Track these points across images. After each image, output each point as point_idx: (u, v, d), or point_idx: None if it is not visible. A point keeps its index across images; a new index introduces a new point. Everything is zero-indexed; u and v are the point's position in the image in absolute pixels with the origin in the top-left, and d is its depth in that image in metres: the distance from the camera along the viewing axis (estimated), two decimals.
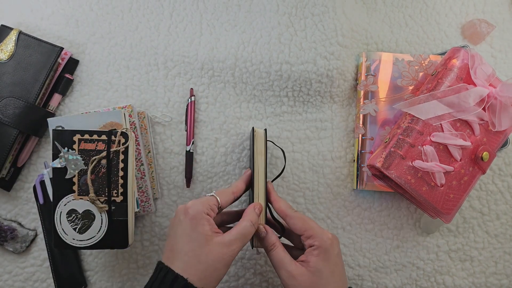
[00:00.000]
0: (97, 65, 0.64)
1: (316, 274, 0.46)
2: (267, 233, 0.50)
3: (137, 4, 0.66)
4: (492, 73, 0.56)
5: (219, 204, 0.49)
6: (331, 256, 0.48)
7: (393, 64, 0.63)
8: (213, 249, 0.45)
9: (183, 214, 0.47)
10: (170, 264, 0.45)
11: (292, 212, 0.51)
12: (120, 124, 0.56)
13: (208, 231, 0.45)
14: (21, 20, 0.64)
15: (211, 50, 0.64)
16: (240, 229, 0.47)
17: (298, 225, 0.50)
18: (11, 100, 0.59)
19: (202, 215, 0.46)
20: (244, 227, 0.47)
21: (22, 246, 0.61)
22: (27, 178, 0.62)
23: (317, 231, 0.48)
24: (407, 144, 0.54)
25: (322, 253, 0.47)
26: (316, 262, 0.47)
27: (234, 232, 0.47)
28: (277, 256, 0.48)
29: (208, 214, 0.47)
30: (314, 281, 0.46)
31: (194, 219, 0.46)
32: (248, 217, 0.49)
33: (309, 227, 0.49)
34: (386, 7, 0.68)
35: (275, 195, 0.53)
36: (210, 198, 0.49)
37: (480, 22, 0.66)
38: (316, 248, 0.47)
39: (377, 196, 0.64)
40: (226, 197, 0.50)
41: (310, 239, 0.48)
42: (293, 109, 0.65)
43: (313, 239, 0.48)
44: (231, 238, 0.46)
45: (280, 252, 0.49)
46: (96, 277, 0.62)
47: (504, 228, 0.64)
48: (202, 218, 0.46)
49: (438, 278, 0.63)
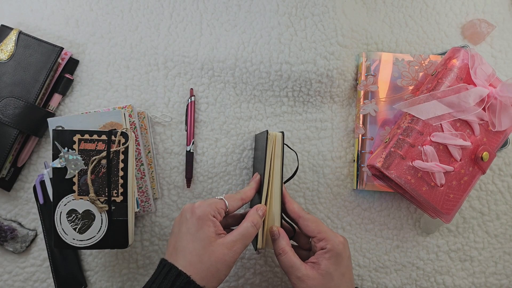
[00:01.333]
0: (97, 65, 0.64)
1: (326, 277, 0.47)
2: (280, 235, 0.50)
3: (137, 4, 0.66)
4: (492, 73, 0.56)
5: (226, 208, 0.49)
6: (342, 260, 0.48)
7: (393, 64, 0.63)
8: (215, 249, 0.45)
9: (189, 213, 0.47)
10: (174, 261, 0.45)
11: (306, 214, 0.51)
12: (120, 124, 0.56)
13: (212, 232, 0.46)
14: (21, 20, 0.64)
15: (211, 50, 0.64)
16: (242, 230, 0.47)
17: (311, 227, 0.50)
18: (11, 100, 0.59)
19: (208, 217, 0.46)
20: (245, 228, 0.47)
21: (22, 246, 0.61)
22: (27, 178, 0.62)
23: (329, 235, 0.49)
24: (407, 144, 0.54)
25: (333, 257, 0.48)
26: (328, 265, 0.47)
27: (235, 233, 0.47)
28: (288, 261, 0.48)
29: (214, 216, 0.47)
30: (324, 284, 0.47)
31: (200, 220, 0.46)
32: (250, 218, 0.49)
33: (322, 229, 0.50)
34: (386, 7, 0.68)
35: (288, 197, 0.54)
36: (218, 201, 0.49)
37: (480, 22, 0.66)
38: (328, 251, 0.48)
39: (377, 196, 0.64)
40: (234, 202, 0.50)
41: (322, 242, 0.49)
42: (293, 109, 0.65)
43: (325, 242, 0.49)
44: (232, 239, 0.46)
45: (291, 257, 0.49)
46: (96, 277, 0.62)
47: (504, 228, 0.64)
48: (208, 219, 0.46)
49: (438, 278, 0.63)
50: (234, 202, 0.50)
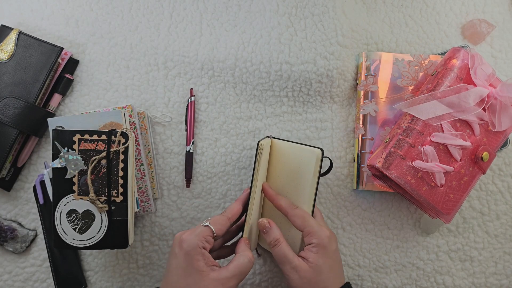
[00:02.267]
0: (97, 65, 0.64)
1: (316, 269, 0.48)
2: (271, 228, 0.51)
3: (137, 4, 0.66)
4: (492, 73, 0.56)
5: (214, 234, 0.48)
6: (329, 253, 0.49)
7: (393, 64, 0.63)
8: (209, 285, 0.44)
9: (178, 247, 0.46)
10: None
11: (293, 210, 0.52)
12: (120, 124, 0.56)
13: (203, 266, 0.45)
14: (21, 20, 0.64)
15: (211, 50, 0.64)
16: (238, 266, 0.46)
17: (298, 222, 0.51)
18: (11, 100, 0.59)
19: (197, 250, 0.45)
20: (242, 264, 0.47)
21: (22, 246, 0.61)
22: (27, 178, 0.62)
23: (315, 229, 0.50)
24: (407, 144, 0.54)
25: (320, 250, 0.48)
26: (315, 258, 0.48)
27: (231, 268, 0.46)
28: (281, 251, 0.49)
29: (203, 247, 0.46)
30: (315, 277, 0.48)
31: (188, 255, 0.45)
32: (246, 252, 0.48)
33: (308, 224, 0.50)
34: (386, 7, 0.68)
35: (274, 194, 0.54)
36: (205, 229, 0.47)
37: (480, 22, 0.66)
38: (315, 245, 0.49)
39: (377, 196, 0.64)
40: (221, 225, 0.49)
41: (309, 237, 0.49)
42: (293, 109, 0.65)
43: (311, 237, 0.49)
44: (227, 275, 0.45)
45: (284, 247, 0.49)
46: (96, 277, 0.62)
47: (504, 228, 0.64)
48: (196, 253, 0.45)
49: (438, 278, 0.63)
50: (221, 226, 0.49)
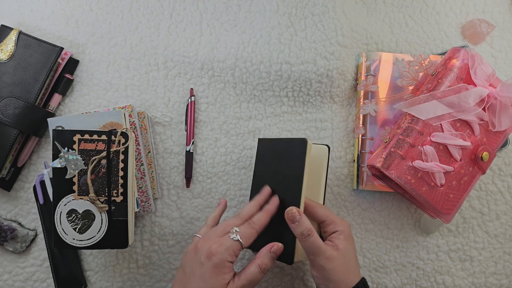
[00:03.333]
0: (97, 65, 0.64)
1: (346, 256, 0.49)
2: (301, 217, 0.48)
3: (137, 4, 0.66)
4: (492, 73, 0.56)
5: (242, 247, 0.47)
6: (353, 241, 0.52)
7: (393, 64, 0.63)
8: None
9: (206, 258, 0.46)
10: None
11: (310, 201, 0.53)
12: (120, 124, 0.56)
13: (227, 280, 0.45)
14: (21, 20, 0.64)
15: (211, 50, 0.64)
16: (248, 275, 0.47)
17: (320, 212, 0.52)
18: (11, 100, 0.59)
19: (225, 264, 0.45)
20: (252, 274, 0.47)
21: (22, 246, 0.61)
22: (27, 178, 0.62)
23: (337, 218, 0.53)
24: (407, 144, 0.54)
25: (347, 238, 0.51)
26: (345, 245, 0.50)
27: (242, 277, 0.46)
28: (314, 243, 0.48)
29: (231, 261, 0.46)
30: (346, 263, 0.49)
31: (216, 267, 0.45)
32: (258, 261, 0.48)
33: (331, 213, 0.53)
34: (386, 7, 0.68)
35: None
36: (235, 244, 0.46)
37: (480, 22, 0.66)
38: (341, 233, 0.51)
39: (377, 196, 0.64)
40: (249, 238, 0.48)
41: (332, 225, 0.52)
42: (293, 109, 0.65)
43: (335, 225, 0.52)
44: (237, 285, 0.46)
45: (316, 237, 0.48)
46: (96, 277, 0.62)
47: (504, 228, 0.64)
48: (225, 267, 0.45)
49: (438, 278, 0.63)
50: (250, 239, 0.48)
